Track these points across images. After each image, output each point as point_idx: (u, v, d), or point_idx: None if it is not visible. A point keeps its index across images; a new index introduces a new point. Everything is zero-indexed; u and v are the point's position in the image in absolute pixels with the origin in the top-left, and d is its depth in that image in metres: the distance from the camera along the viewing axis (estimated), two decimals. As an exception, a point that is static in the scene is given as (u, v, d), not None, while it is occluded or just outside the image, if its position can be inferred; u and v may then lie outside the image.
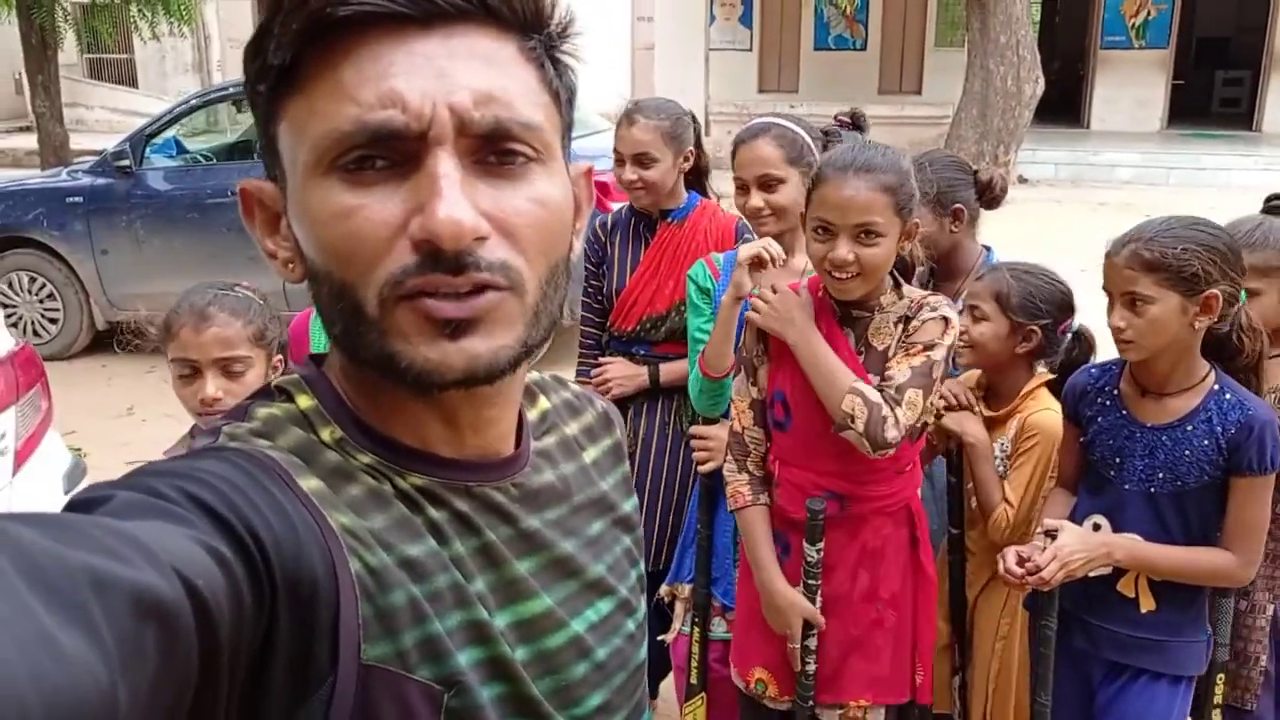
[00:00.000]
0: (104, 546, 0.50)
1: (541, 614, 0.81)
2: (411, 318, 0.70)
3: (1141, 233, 2.03)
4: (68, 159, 11.37)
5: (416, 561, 0.72)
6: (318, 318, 2.40)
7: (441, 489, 0.77)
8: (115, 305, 7.10)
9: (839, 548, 2.15)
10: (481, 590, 0.77)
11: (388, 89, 0.68)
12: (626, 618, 0.91)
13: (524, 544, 0.81)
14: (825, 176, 2.03)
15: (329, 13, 0.67)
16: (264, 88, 0.73)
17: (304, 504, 0.68)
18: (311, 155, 0.70)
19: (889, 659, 2.19)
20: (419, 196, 0.68)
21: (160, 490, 0.61)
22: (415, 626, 0.71)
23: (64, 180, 7.39)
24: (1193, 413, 2.08)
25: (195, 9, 13.43)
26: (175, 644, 0.52)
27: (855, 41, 19.84)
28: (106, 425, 5.72)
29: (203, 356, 1.97)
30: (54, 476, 3.08)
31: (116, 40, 15.82)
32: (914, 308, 2.09)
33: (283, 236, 0.78)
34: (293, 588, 0.64)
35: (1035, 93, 14.60)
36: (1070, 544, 2.07)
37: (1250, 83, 19.95)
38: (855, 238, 1.99)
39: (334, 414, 0.77)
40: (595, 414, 0.99)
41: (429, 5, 0.69)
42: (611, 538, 0.92)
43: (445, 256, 0.68)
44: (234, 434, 0.74)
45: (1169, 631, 2.16)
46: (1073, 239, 11.12)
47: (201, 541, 0.58)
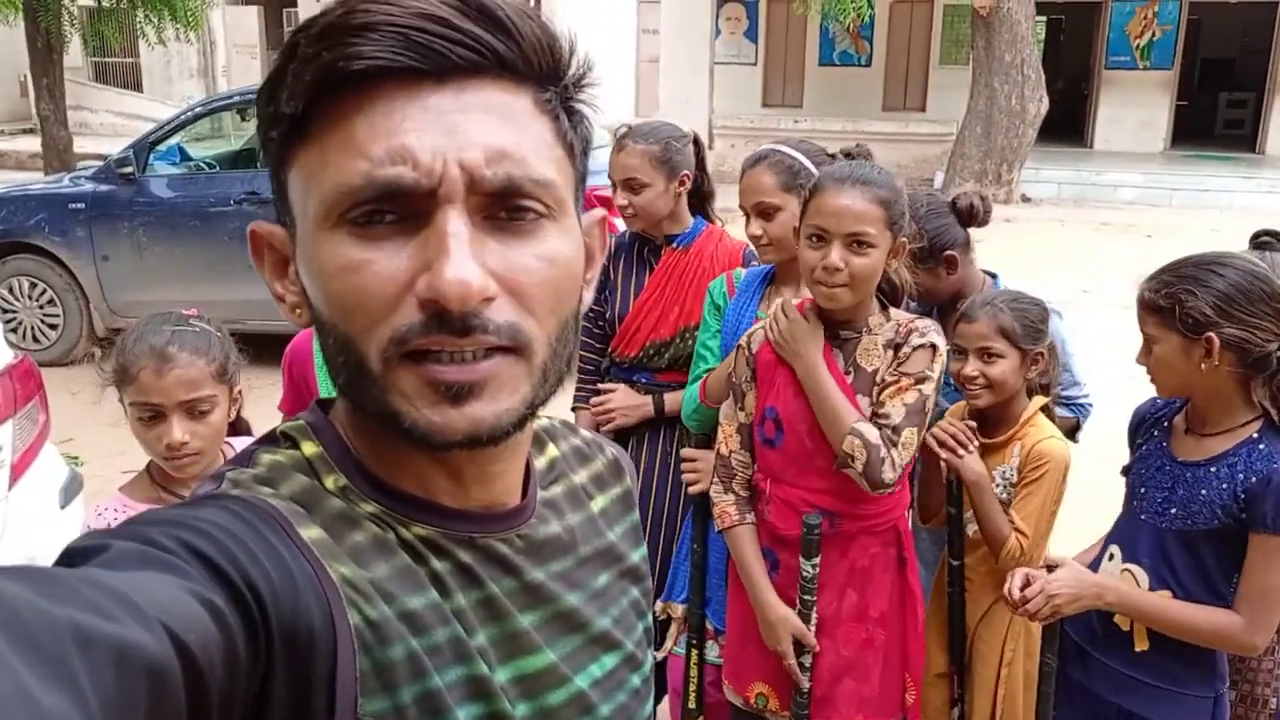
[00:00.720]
0: (90, 602, 0.50)
1: (544, 669, 0.79)
2: (414, 380, 0.69)
3: (1152, 274, 2.02)
4: (72, 162, 11.40)
5: (417, 614, 0.71)
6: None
7: (445, 540, 0.76)
8: (116, 312, 7.09)
9: (828, 566, 2.16)
10: (482, 644, 0.75)
11: (398, 145, 0.67)
12: (632, 672, 0.89)
13: (528, 597, 0.79)
14: (822, 187, 2.08)
15: (341, 65, 0.67)
16: (276, 135, 0.72)
17: (304, 554, 0.67)
18: (321, 207, 0.70)
19: (879, 679, 2.19)
20: (427, 254, 0.67)
21: (157, 540, 0.61)
22: (414, 681, 0.69)
23: (66, 186, 7.39)
24: (1222, 455, 2.01)
25: (202, 15, 13.44)
26: (163, 701, 0.51)
27: (860, 57, 19.90)
28: (103, 433, 5.66)
29: (166, 400, 1.88)
30: (50, 490, 3.06)
31: (122, 44, 15.87)
32: (902, 332, 2.11)
33: (291, 281, 0.77)
34: (290, 640, 0.63)
35: (1039, 112, 14.64)
36: (1061, 579, 2.02)
37: (1254, 105, 20.03)
38: (848, 246, 2.02)
39: (339, 462, 0.76)
40: (605, 461, 0.97)
41: (442, 59, 0.68)
42: (619, 590, 0.90)
43: (451, 317, 0.67)
44: (237, 480, 0.73)
45: (1167, 679, 2.07)
46: (1075, 259, 11.13)
47: (196, 593, 0.57)
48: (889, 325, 2.13)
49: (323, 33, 0.67)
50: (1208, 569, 2.02)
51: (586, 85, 0.77)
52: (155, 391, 1.88)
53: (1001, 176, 14.90)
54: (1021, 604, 2.04)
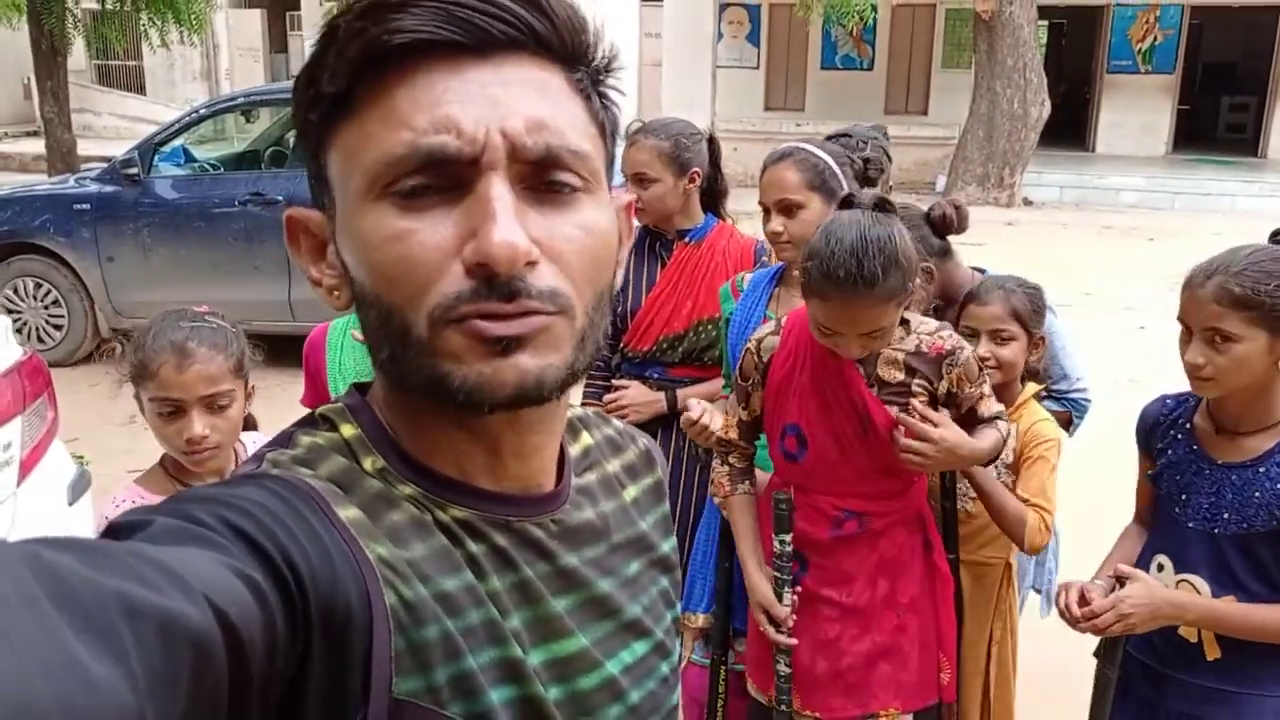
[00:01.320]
0: (136, 573, 0.51)
1: (576, 654, 0.79)
2: (461, 338, 0.70)
3: (1228, 264, 1.89)
4: (75, 165, 11.41)
5: (452, 596, 0.72)
6: (335, 332, 2.40)
7: (481, 522, 0.77)
8: (120, 313, 7.10)
9: (858, 559, 2.16)
10: (516, 627, 0.76)
11: (442, 114, 0.69)
12: (661, 660, 0.89)
13: (561, 581, 0.80)
14: (822, 291, 1.98)
15: (385, 40, 0.68)
16: (315, 116, 0.73)
17: (341, 534, 0.67)
18: (364, 180, 0.71)
19: (916, 664, 2.19)
20: (472, 221, 0.69)
21: (198, 517, 0.62)
22: (448, 662, 0.70)
23: (71, 187, 7.40)
24: (1268, 454, 1.96)
25: (205, 18, 13.46)
26: (205, 672, 0.52)
27: (862, 61, 19.92)
28: (109, 433, 5.70)
29: (187, 395, 1.92)
30: (59, 487, 3.06)
31: (125, 47, 15.88)
32: (933, 352, 2.10)
33: (328, 264, 0.78)
34: (327, 618, 0.63)
35: (1041, 115, 14.66)
36: (1136, 598, 1.96)
37: (1256, 109, 20.05)
38: (867, 335, 2.01)
39: (376, 444, 0.77)
40: (637, 452, 0.98)
41: (482, 34, 0.70)
42: (649, 578, 0.91)
43: (499, 281, 0.68)
44: (276, 461, 0.74)
45: (1243, 683, 2.00)
46: (1077, 262, 11.13)
47: (237, 569, 0.58)
48: (910, 339, 2.12)
49: (365, 10, 0.69)
50: (1268, 569, 1.97)
51: (615, 69, 0.79)
52: (176, 387, 1.91)
53: (1003, 180, 14.91)
54: (1086, 619, 1.98)
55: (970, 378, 2.11)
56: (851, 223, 1.97)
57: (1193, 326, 1.93)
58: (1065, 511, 2.69)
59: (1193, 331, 1.93)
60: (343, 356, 2.35)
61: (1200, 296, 1.90)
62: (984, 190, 14.89)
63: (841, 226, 1.97)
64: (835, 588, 2.18)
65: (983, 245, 12.07)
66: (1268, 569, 1.97)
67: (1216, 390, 1.95)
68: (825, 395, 2.12)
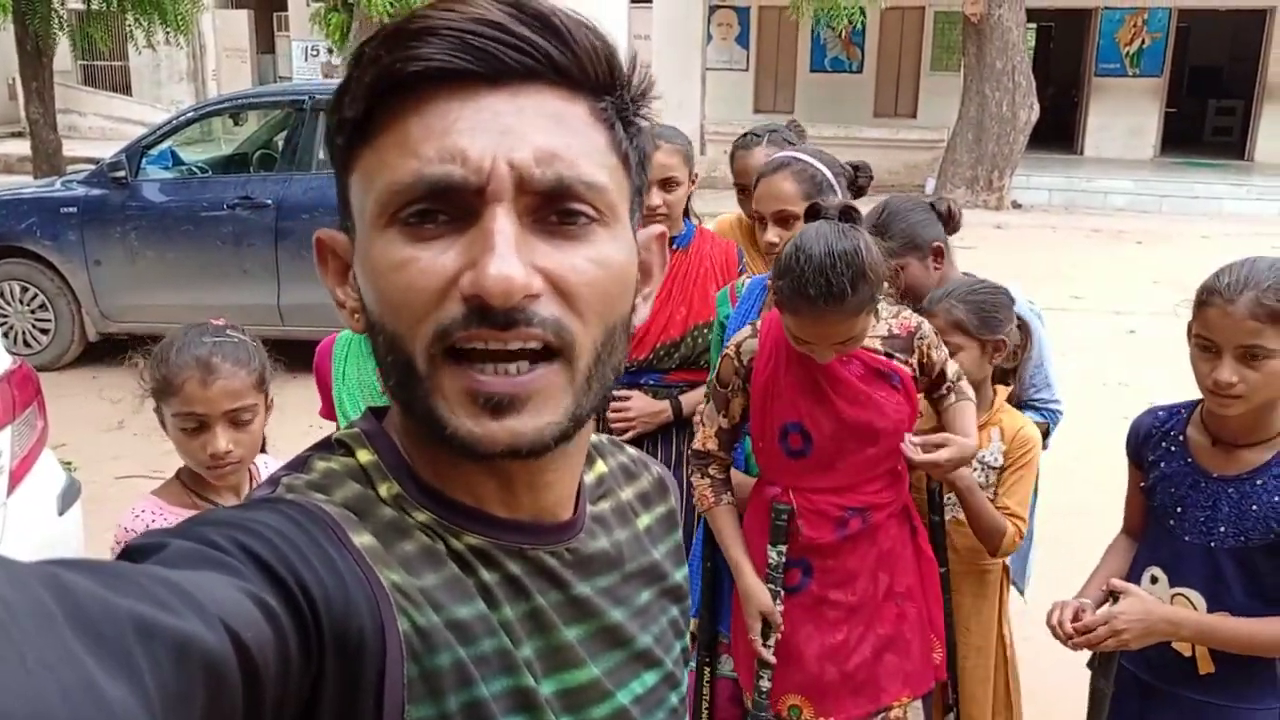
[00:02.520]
0: (152, 595, 0.51)
1: (588, 684, 0.79)
2: (455, 386, 0.70)
3: (1256, 279, 1.86)
4: (61, 166, 11.35)
5: (465, 624, 0.72)
6: (341, 344, 2.39)
7: (495, 550, 0.76)
8: (108, 316, 7.07)
9: (860, 556, 2.20)
10: (529, 656, 0.75)
11: (450, 144, 0.69)
12: (670, 691, 0.89)
13: (574, 611, 0.80)
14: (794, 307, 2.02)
15: (399, 68, 0.69)
16: (341, 140, 0.74)
17: (355, 560, 0.67)
18: (375, 207, 0.71)
19: (918, 651, 2.25)
20: (473, 252, 0.68)
21: (214, 540, 0.62)
22: (460, 690, 0.70)
23: (58, 190, 7.35)
24: (1264, 466, 1.96)
25: (192, 18, 13.39)
26: (220, 695, 0.52)
27: (851, 64, 19.96)
28: (97, 439, 5.66)
29: (212, 410, 1.92)
30: (49, 497, 3.04)
31: (111, 48, 15.79)
32: (904, 331, 2.20)
33: (352, 286, 0.78)
34: (340, 643, 0.63)
35: (1030, 118, 14.71)
36: (1131, 614, 1.96)
37: (1242, 112, 20.17)
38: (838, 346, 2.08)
39: (392, 470, 0.77)
40: (651, 479, 0.97)
41: (497, 63, 0.69)
42: (659, 608, 0.90)
43: (494, 312, 0.67)
44: (292, 486, 0.74)
45: (1233, 696, 2.02)
46: (1066, 265, 11.18)
47: (251, 593, 0.58)
48: (881, 325, 2.18)
49: (386, 38, 0.69)
50: (1263, 582, 1.97)
51: (648, 98, 0.78)
52: (200, 402, 1.91)
53: (993, 183, 14.96)
54: (1080, 634, 1.98)
55: (935, 344, 2.22)
56: (819, 237, 1.98)
57: (1223, 344, 1.88)
58: (1054, 514, 2.70)
59: (1219, 349, 1.89)
60: (346, 368, 2.35)
61: (1234, 313, 1.86)
62: (973, 193, 14.94)
63: (809, 241, 1.98)
64: (840, 588, 2.21)
65: (972, 248, 12.12)
66: (1262, 582, 1.97)
67: (1243, 407, 1.91)
68: (820, 388, 2.15)
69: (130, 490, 4.69)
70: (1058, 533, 2.38)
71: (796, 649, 2.24)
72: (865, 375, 2.15)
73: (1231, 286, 1.88)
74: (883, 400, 2.14)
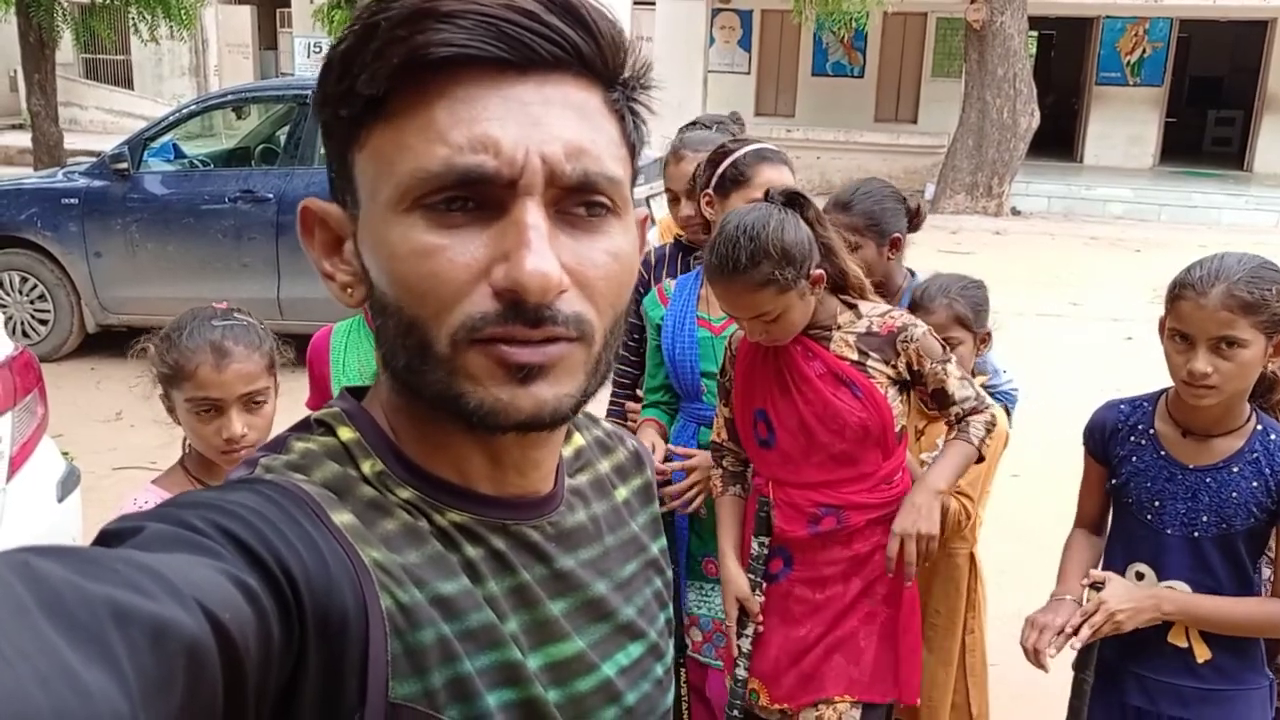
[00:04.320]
0: (127, 580, 0.50)
1: (573, 656, 0.80)
2: (484, 361, 0.70)
3: (1226, 272, 1.91)
4: (61, 158, 11.35)
5: (449, 599, 0.72)
6: (339, 335, 2.39)
7: (479, 526, 0.76)
8: (107, 308, 7.07)
9: (832, 559, 2.21)
10: (515, 631, 0.76)
11: (481, 133, 0.68)
12: (656, 662, 0.89)
13: (558, 584, 0.80)
14: (709, 278, 2.12)
15: (429, 52, 0.67)
16: (346, 113, 0.71)
17: (336, 538, 0.67)
18: (396, 191, 0.70)
19: (872, 659, 2.22)
20: (504, 244, 0.68)
21: (191, 522, 0.61)
22: (445, 665, 0.70)
23: (59, 181, 7.35)
24: (1238, 454, 2.01)
25: (196, 13, 13.39)
26: (200, 678, 0.51)
27: (853, 68, 19.96)
28: (95, 429, 5.66)
29: (226, 394, 1.90)
30: (48, 483, 3.04)
31: (114, 41, 15.79)
32: (885, 331, 2.16)
33: (343, 260, 0.77)
34: (323, 623, 0.63)
35: (1030, 126, 14.73)
36: (1118, 597, 2.01)
37: (1242, 123, 20.20)
38: (758, 320, 2.09)
39: (376, 447, 0.77)
40: (626, 452, 0.98)
41: (528, 52, 0.68)
42: (643, 579, 0.91)
43: (526, 308, 0.68)
44: (270, 466, 0.73)
45: (1230, 680, 2.06)
46: (1064, 272, 11.19)
47: (231, 575, 0.57)
48: (860, 322, 2.18)
49: (409, 17, 0.67)
50: (1243, 565, 2.03)
51: (649, 87, 0.78)
52: (215, 386, 1.89)
53: (992, 189, 14.97)
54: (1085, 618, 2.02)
55: (930, 354, 2.15)
56: (741, 214, 2.09)
57: (1196, 335, 1.92)
58: (1052, 521, 2.71)
59: (1193, 341, 1.93)
60: (346, 358, 2.35)
61: (1207, 305, 1.90)
62: (972, 199, 14.95)
63: (731, 217, 2.10)
64: (809, 586, 2.23)
65: (971, 254, 12.15)
66: (1243, 565, 2.01)
67: (1217, 398, 1.95)
68: (785, 378, 2.16)
69: (127, 481, 4.70)
70: (1055, 540, 2.38)
71: (764, 638, 2.27)
72: (825, 375, 2.14)
73: (1204, 280, 1.92)
74: (840, 404, 2.12)
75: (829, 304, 2.18)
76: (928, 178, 16.50)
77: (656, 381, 2.65)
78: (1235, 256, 1.95)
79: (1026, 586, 3.02)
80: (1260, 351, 1.90)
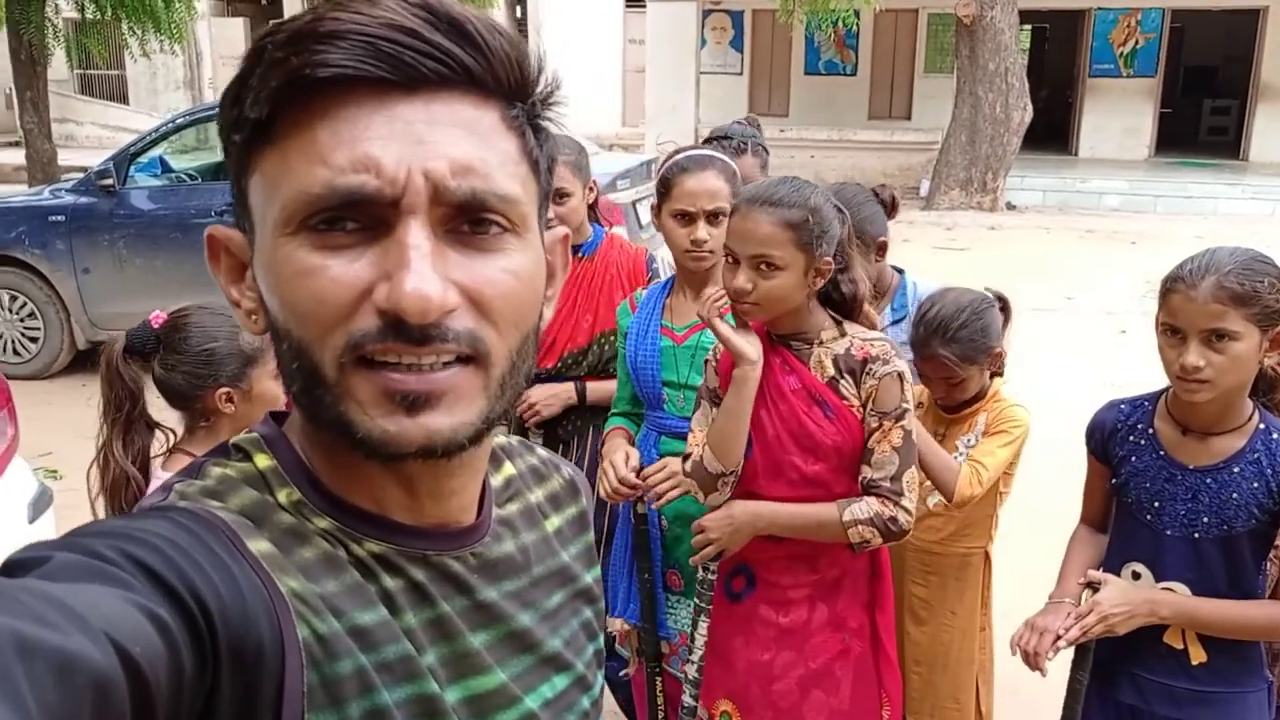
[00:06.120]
0: (32, 612, 0.49)
1: (494, 689, 0.78)
2: (368, 388, 0.69)
3: (1216, 264, 1.89)
4: (56, 175, 11.35)
5: (367, 630, 0.71)
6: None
7: (398, 557, 0.75)
8: (96, 324, 7.06)
9: (796, 578, 2.17)
10: (433, 663, 0.75)
11: (362, 153, 0.67)
12: (582, 694, 0.88)
13: (479, 616, 0.79)
14: (736, 206, 2.10)
15: (308, 72, 0.66)
16: (239, 139, 0.71)
17: (252, 567, 0.66)
18: (281, 214, 0.69)
19: (850, 692, 2.17)
20: (387, 264, 0.67)
21: (100, 551, 0.59)
22: (362, 697, 0.69)
23: (46, 198, 7.35)
24: (1239, 454, 1.97)
25: (186, 27, 13.39)
26: (107, 712, 0.50)
27: (845, 67, 19.95)
28: (84, 446, 5.62)
29: None
30: (19, 504, 3.02)
31: (107, 57, 15.80)
32: (858, 356, 2.08)
33: (248, 286, 0.76)
34: (238, 654, 0.62)
35: (1024, 120, 14.70)
36: (1113, 598, 2.00)
37: (1237, 112, 20.15)
38: (754, 268, 2.03)
39: (292, 475, 0.76)
40: (561, 481, 0.96)
41: (411, 71, 0.67)
42: (570, 610, 0.90)
43: (409, 328, 0.67)
44: (184, 493, 0.72)
45: (1226, 683, 2.04)
46: (1060, 266, 11.17)
47: (141, 605, 0.56)
48: (842, 340, 2.11)
49: (290, 39, 0.66)
50: (1245, 567, 1.99)
51: (554, 103, 0.77)
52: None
53: (987, 184, 14.95)
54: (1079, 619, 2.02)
55: (884, 402, 2.05)
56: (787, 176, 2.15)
57: (1188, 329, 1.90)
58: (1051, 517, 2.70)
59: (1185, 335, 1.91)
60: None
61: (1198, 298, 1.88)
62: (967, 195, 14.93)
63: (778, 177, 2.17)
64: (773, 607, 2.18)
65: (966, 250, 12.13)
66: (1245, 567, 1.98)
67: (1210, 393, 1.92)
68: (763, 389, 2.12)
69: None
70: (1055, 535, 2.37)
71: (729, 657, 2.23)
72: (799, 391, 2.10)
73: (1194, 273, 1.90)
74: (811, 424, 2.08)
75: (818, 316, 2.13)
76: (922, 174, 16.48)
77: (626, 391, 2.64)
78: (1228, 250, 1.93)
79: (1018, 581, 3.01)
80: (1254, 345, 1.87)
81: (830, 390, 2.08)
